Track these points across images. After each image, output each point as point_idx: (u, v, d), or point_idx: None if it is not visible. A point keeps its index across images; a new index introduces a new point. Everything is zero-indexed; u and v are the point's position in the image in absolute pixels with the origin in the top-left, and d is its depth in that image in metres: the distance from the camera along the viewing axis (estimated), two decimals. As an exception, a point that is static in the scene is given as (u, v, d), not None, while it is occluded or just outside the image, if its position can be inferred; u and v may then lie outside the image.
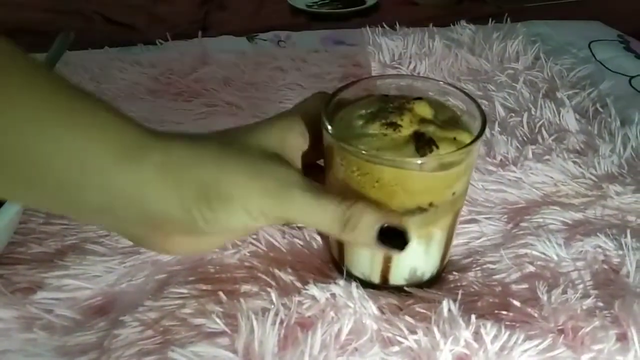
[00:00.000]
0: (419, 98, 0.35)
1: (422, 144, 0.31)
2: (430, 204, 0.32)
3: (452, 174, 0.32)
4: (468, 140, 0.32)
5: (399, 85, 0.38)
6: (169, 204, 0.27)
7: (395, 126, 0.32)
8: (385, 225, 0.30)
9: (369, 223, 0.29)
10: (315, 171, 0.36)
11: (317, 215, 0.29)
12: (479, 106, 0.34)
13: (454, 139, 0.32)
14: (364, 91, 0.37)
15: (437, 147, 0.31)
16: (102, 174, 0.26)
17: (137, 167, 0.26)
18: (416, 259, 0.36)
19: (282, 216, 0.29)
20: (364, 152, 0.31)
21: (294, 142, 0.33)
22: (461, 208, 0.36)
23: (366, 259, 0.36)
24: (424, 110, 0.34)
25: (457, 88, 0.36)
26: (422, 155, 0.31)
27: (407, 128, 0.32)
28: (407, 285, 0.37)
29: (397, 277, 0.37)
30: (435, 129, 0.32)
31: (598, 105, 0.59)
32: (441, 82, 0.37)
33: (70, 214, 0.31)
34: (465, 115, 0.35)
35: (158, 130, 0.28)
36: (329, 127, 0.32)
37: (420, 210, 0.32)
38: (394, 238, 0.30)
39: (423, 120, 0.33)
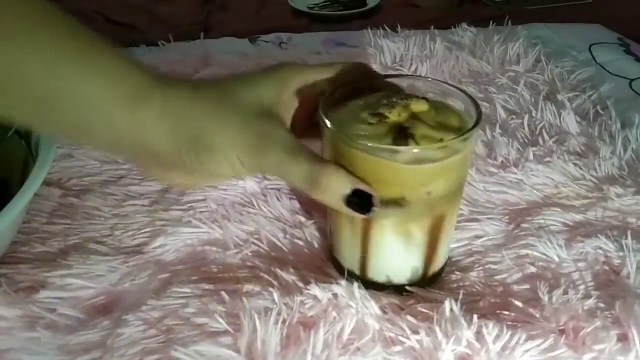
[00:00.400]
0: (424, 98, 0.34)
1: (401, 136, 0.31)
2: (403, 199, 0.32)
3: (425, 171, 0.31)
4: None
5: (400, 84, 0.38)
6: (165, 146, 0.31)
7: (381, 117, 0.32)
8: (355, 188, 0.30)
9: (338, 184, 0.30)
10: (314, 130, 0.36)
11: (291, 172, 0.31)
12: (475, 104, 0.34)
13: (441, 140, 0.32)
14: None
15: (416, 143, 0.31)
16: (108, 115, 0.29)
17: (139, 112, 0.30)
18: (394, 256, 0.36)
19: (260, 169, 0.32)
20: (339, 133, 0.31)
21: (288, 100, 0.34)
22: (448, 216, 0.35)
23: (347, 247, 0.37)
24: (420, 108, 0.33)
25: (458, 88, 0.36)
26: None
27: (393, 120, 0.32)
28: (388, 284, 0.37)
29: (376, 271, 0.37)
30: (423, 127, 0.32)
31: (598, 108, 0.59)
32: (442, 83, 0.37)
33: (83, 143, 0.36)
34: (469, 122, 0.34)
35: (160, 74, 0.31)
36: (322, 109, 0.33)
37: (394, 202, 0.32)
38: (362, 205, 0.31)
39: (414, 117, 0.33)
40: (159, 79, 0.31)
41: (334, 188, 0.30)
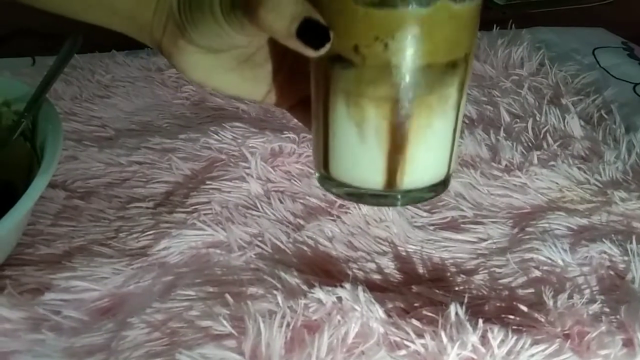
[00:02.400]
0: None
1: None
2: (356, 49, 0.27)
3: (377, 16, 0.26)
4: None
5: None
6: (172, 4, 0.31)
7: None
8: (308, 16, 0.27)
9: (291, 5, 0.26)
10: None
11: None
12: None
13: None
14: None
15: None
16: None
17: None
18: (347, 140, 0.29)
19: (234, 12, 0.28)
20: None
21: None
22: (425, 107, 0.28)
23: (315, 145, 0.32)
24: None
25: None
26: None
27: None
28: (351, 186, 0.30)
29: (336, 167, 0.31)
30: None
31: (603, 112, 0.59)
32: None
33: (107, 24, 0.34)
34: None
35: None
36: None
37: (346, 59, 0.27)
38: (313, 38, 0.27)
39: None
40: None
41: (284, 10, 0.26)
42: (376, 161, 0.29)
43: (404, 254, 0.42)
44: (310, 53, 0.27)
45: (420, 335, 0.33)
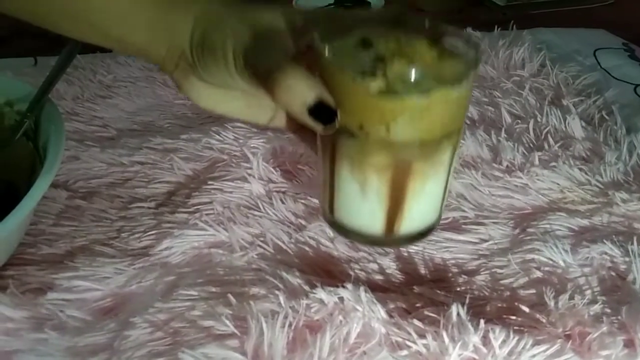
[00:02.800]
0: (435, 43, 0.31)
1: (373, 64, 0.29)
2: (361, 128, 0.30)
3: (380, 104, 0.29)
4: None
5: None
6: (184, 43, 0.33)
7: (367, 44, 0.31)
8: (320, 98, 0.29)
9: (305, 88, 0.29)
10: None
11: (264, 66, 0.30)
12: (475, 45, 0.31)
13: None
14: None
15: (385, 76, 0.29)
16: (147, 20, 0.33)
17: (171, 14, 0.33)
18: (353, 198, 0.33)
19: (247, 70, 0.31)
20: (317, 46, 0.30)
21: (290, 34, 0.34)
22: (420, 172, 0.32)
23: (321, 186, 0.35)
24: (417, 48, 0.30)
25: (466, 36, 0.32)
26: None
27: (378, 51, 0.30)
28: (352, 230, 0.34)
29: (340, 212, 0.34)
30: (402, 66, 0.29)
31: (604, 113, 0.59)
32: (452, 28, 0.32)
33: (116, 48, 0.36)
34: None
35: None
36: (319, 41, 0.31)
37: (351, 132, 0.30)
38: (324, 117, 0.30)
39: (404, 55, 0.30)
40: None
41: (299, 91, 0.29)
42: (376, 214, 0.33)
43: (405, 254, 0.42)
44: (318, 129, 0.30)
45: (422, 335, 0.33)
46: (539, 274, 0.39)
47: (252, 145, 0.51)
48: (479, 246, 0.42)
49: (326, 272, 0.40)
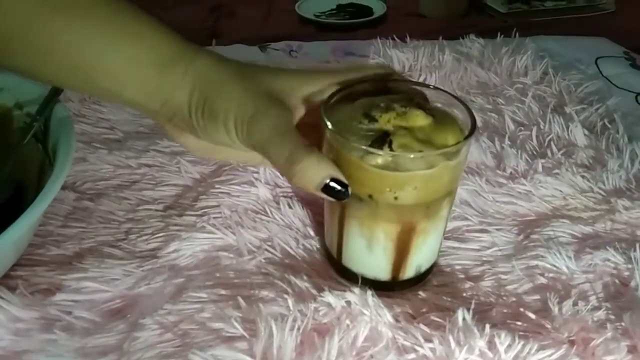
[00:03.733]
0: (430, 111, 0.34)
1: (379, 140, 0.32)
2: (370, 197, 0.34)
3: (389, 177, 0.32)
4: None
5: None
6: (182, 107, 0.33)
7: (371, 119, 0.33)
8: (333, 177, 0.31)
9: (317, 171, 0.31)
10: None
11: (275, 150, 0.32)
12: (471, 114, 0.34)
13: (420, 151, 0.32)
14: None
15: (391, 150, 0.32)
16: (140, 79, 0.33)
17: (167, 75, 0.33)
18: (361, 250, 0.37)
19: (251, 142, 0.33)
20: (325, 123, 0.33)
21: (295, 104, 0.35)
22: (422, 229, 0.36)
23: (329, 230, 0.39)
24: (415, 120, 0.33)
25: (465, 106, 0.35)
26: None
27: (382, 125, 0.33)
28: (359, 275, 0.38)
29: (348, 259, 0.39)
30: (407, 138, 0.32)
31: (606, 121, 0.60)
32: (450, 95, 0.36)
33: (110, 102, 0.39)
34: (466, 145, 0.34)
35: (188, 42, 0.34)
36: (326, 103, 0.34)
37: (361, 199, 0.34)
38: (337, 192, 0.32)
39: (405, 127, 0.33)
40: (187, 45, 0.34)
41: (312, 175, 0.31)
42: (381, 264, 0.38)
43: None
44: (333, 200, 0.32)
45: (428, 339, 0.33)
46: (543, 280, 0.40)
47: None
48: (483, 252, 0.43)
49: (333, 277, 0.40)
